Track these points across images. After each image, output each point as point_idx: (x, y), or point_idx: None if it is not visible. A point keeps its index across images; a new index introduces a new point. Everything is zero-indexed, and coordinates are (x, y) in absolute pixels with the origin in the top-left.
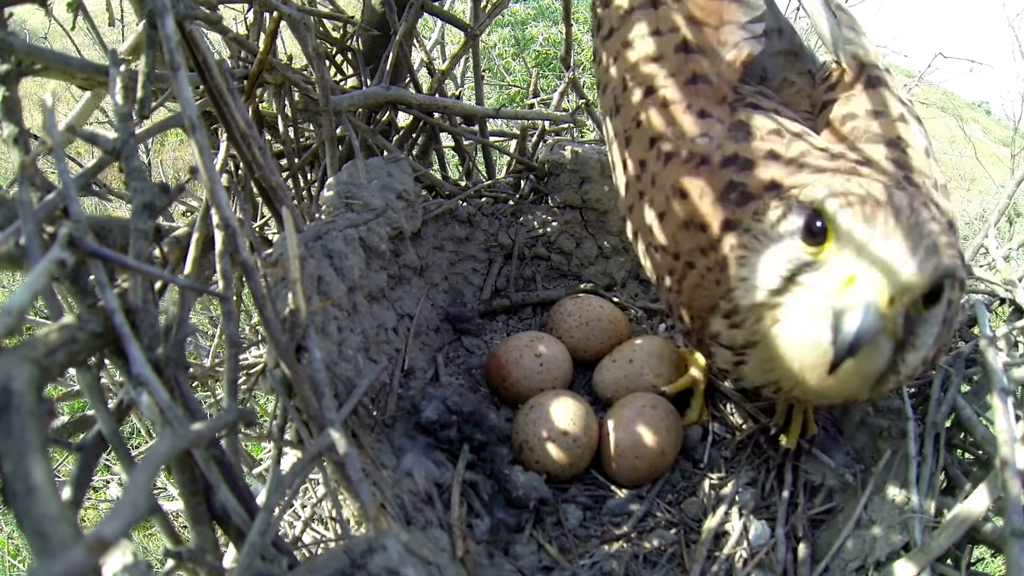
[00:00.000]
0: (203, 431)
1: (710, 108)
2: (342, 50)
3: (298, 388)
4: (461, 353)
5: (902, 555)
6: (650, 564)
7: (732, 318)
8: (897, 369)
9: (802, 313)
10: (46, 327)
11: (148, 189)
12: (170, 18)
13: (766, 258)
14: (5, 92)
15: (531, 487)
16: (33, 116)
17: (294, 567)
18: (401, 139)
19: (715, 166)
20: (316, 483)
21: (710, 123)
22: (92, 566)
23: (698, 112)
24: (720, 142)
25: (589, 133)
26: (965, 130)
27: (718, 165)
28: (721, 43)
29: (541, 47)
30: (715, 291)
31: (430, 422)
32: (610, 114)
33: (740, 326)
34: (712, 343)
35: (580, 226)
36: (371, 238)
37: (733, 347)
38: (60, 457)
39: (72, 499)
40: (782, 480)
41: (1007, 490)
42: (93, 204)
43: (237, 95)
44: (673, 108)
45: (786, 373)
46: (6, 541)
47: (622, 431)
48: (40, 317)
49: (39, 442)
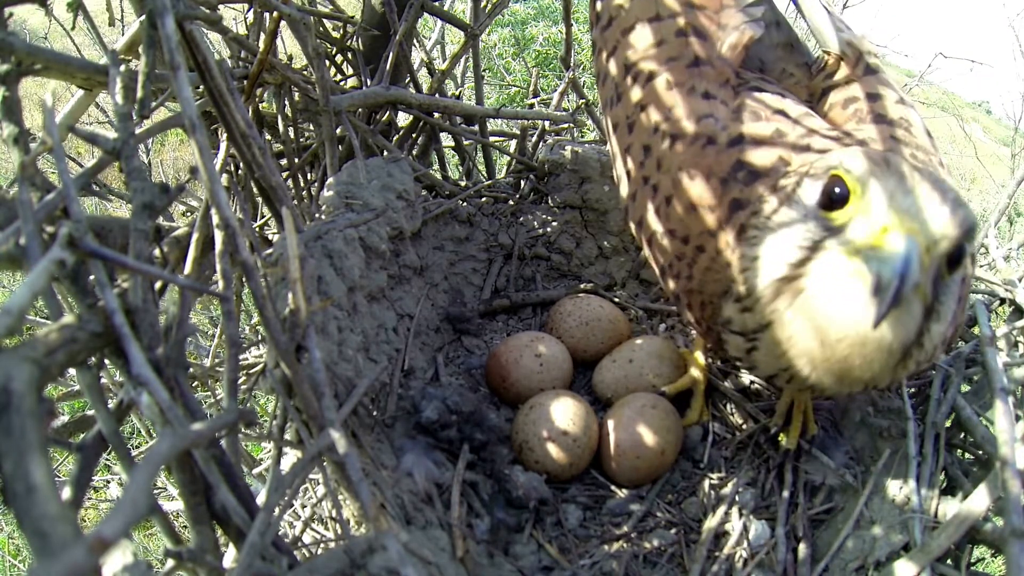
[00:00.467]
0: (203, 431)
1: (714, 90)
2: (342, 50)
3: (298, 388)
4: (461, 353)
5: (902, 555)
6: (650, 564)
7: (744, 301)
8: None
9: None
10: (46, 327)
11: (148, 189)
12: (170, 18)
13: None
14: (5, 92)
15: (531, 487)
16: (33, 116)
17: (294, 567)
18: (401, 139)
19: (722, 146)
20: (316, 483)
21: (714, 104)
22: (92, 566)
23: (702, 94)
24: (725, 123)
25: (589, 133)
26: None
27: (725, 145)
28: (722, 26)
29: (541, 47)
30: (726, 274)
31: (430, 422)
32: (610, 104)
33: (752, 309)
34: (723, 330)
35: (580, 226)
36: (371, 238)
37: (745, 332)
38: (60, 457)
39: (72, 499)
40: (782, 480)
41: (1007, 490)
42: (93, 204)
43: (237, 95)
44: (677, 91)
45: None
46: (6, 541)
47: (622, 431)
48: (40, 317)
49: (39, 442)
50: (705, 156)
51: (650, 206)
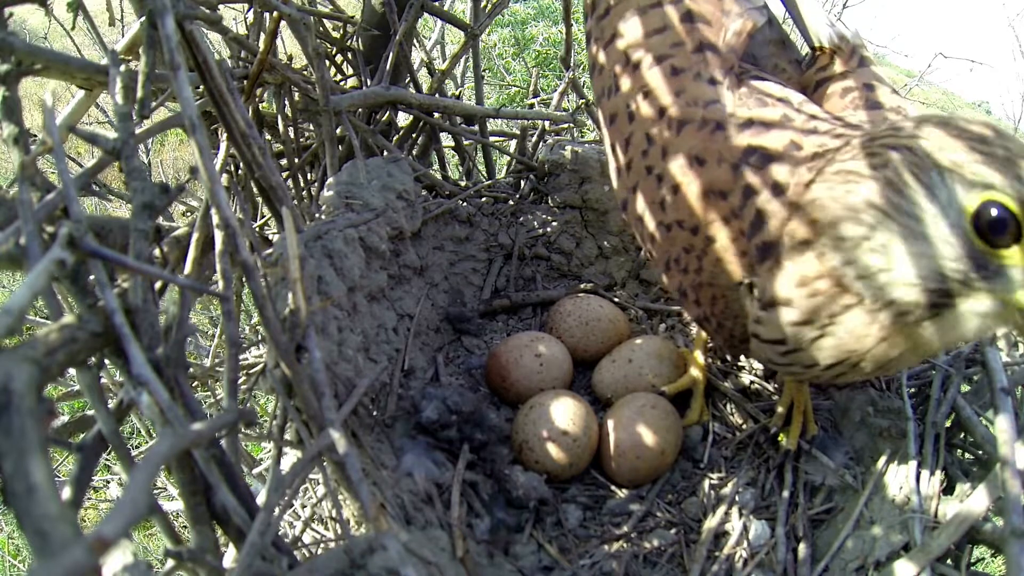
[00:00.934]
0: (203, 431)
1: (719, 76)
2: (342, 50)
3: (298, 388)
4: (461, 353)
5: (902, 555)
6: (650, 564)
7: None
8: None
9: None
10: (46, 327)
11: (148, 189)
12: (170, 18)
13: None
14: (5, 92)
15: (531, 487)
16: (33, 116)
17: (294, 567)
18: (401, 139)
19: (731, 131)
20: (316, 483)
21: (720, 90)
22: (92, 566)
23: (708, 80)
24: (733, 108)
25: (589, 133)
26: None
27: (735, 130)
28: (725, 12)
29: (541, 47)
30: (741, 263)
31: (430, 422)
32: (607, 94)
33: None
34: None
35: (580, 226)
36: (371, 238)
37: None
38: (60, 457)
39: (72, 499)
40: (782, 480)
41: (1007, 490)
42: (93, 204)
43: (237, 95)
44: (683, 76)
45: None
46: (6, 541)
47: (622, 431)
48: (40, 317)
49: (39, 442)
50: (714, 142)
51: (654, 197)
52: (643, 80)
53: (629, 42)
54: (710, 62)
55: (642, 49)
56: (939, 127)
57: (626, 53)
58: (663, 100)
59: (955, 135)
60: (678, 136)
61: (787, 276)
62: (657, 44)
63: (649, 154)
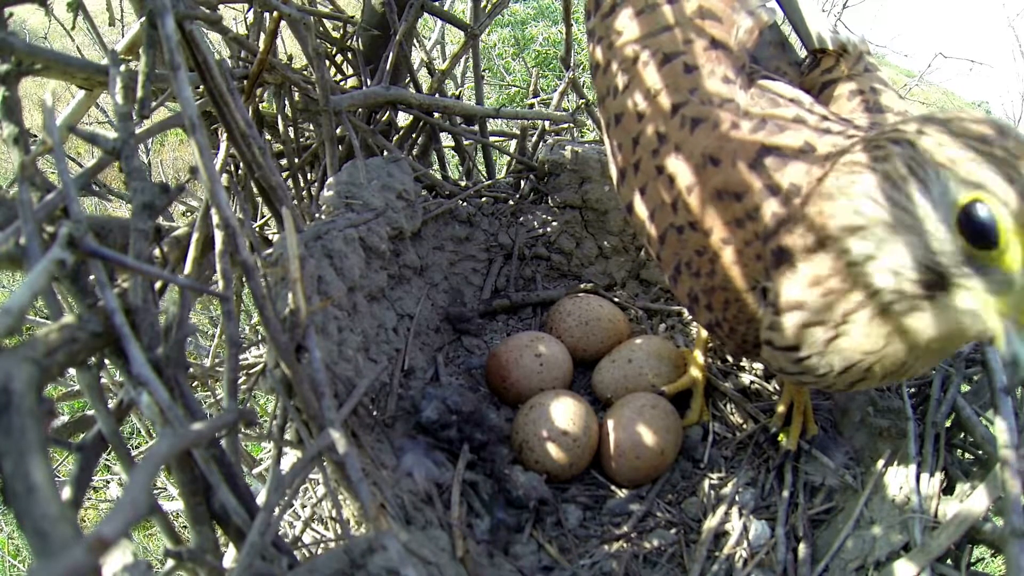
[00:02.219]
0: (203, 431)
1: (731, 75)
2: (342, 50)
3: (298, 388)
4: (461, 353)
5: (902, 555)
6: (650, 564)
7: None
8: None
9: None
10: (46, 327)
11: (148, 189)
12: (170, 18)
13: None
14: (5, 92)
15: (531, 487)
16: (33, 116)
17: (294, 567)
18: (401, 139)
19: (746, 131)
20: (316, 483)
21: (733, 89)
22: (92, 566)
23: (722, 78)
24: (747, 108)
25: (589, 133)
26: None
27: (749, 130)
28: (736, 9)
29: (541, 47)
30: (755, 266)
31: (430, 422)
32: (612, 93)
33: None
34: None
35: (580, 226)
36: (371, 238)
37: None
38: (60, 457)
39: (72, 499)
40: (782, 480)
41: (1007, 490)
42: (93, 204)
43: (237, 95)
44: (696, 74)
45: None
46: (6, 541)
47: (622, 431)
48: (40, 317)
49: (39, 442)
50: (729, 141)
51: (665, 198)
52: (654, 78)
53: (637, 40)
54: (723, 60)
55: (651, 46)
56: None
57: (634, 51)
58: (676, 98)
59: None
60: (692, 135)
61: (801, 278)
62: (667, 41)
63: (660, 153)
